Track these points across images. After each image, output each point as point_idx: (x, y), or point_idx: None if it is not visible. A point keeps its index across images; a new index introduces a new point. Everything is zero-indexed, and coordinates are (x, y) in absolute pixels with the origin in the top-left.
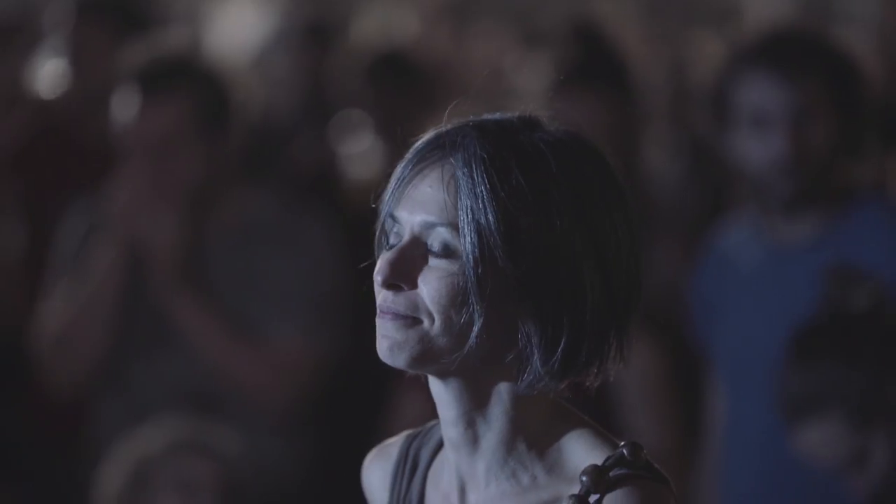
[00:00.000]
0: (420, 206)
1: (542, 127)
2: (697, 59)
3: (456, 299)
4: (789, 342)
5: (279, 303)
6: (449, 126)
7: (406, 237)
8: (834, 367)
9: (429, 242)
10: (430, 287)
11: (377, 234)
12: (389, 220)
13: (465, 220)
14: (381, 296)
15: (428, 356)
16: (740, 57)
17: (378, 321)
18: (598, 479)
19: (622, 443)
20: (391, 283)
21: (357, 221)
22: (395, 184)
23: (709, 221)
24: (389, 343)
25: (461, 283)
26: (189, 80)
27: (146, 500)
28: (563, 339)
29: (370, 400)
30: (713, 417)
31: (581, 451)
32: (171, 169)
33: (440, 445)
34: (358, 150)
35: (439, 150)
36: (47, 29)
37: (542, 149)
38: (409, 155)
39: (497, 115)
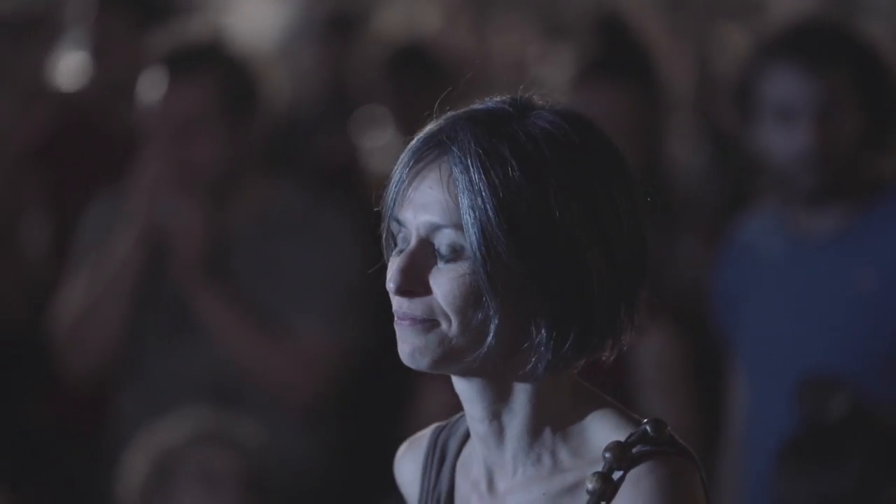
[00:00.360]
0: (423, 208)
1: (534, 110)
2: (722, 52)
3: (470, 299)
4: (775, 458)
5: (303, 294)
6: (441, 121)
7: (413, 241)
8: (821, 478)
9: (436, 244)
10: (443, 289)
11: (383, 236)
12: (395, 224)
13: (468, 220)
14: (397, 302)
15: (449, 357)
16: (765, 49)
17: (396, 327)
18: (622, 455)
19: (645, 420)
20: (404, 290)
21: (379, 214)
22: (396, 186)
23: (731, 213)
24: (410, 348)
25: (473, 283)
26: (215, 63)
27: (169, 490)
28: (574, 325)
29: (393, 391)
30: (735, 408)
31: (605, 431)
32: (194, 152)
33: (467, 436)
34: (379, 144)
35: (435, 148)
36: (69, 21)
37: (535, 135)
38: (405, 156)
39: (488, 104)
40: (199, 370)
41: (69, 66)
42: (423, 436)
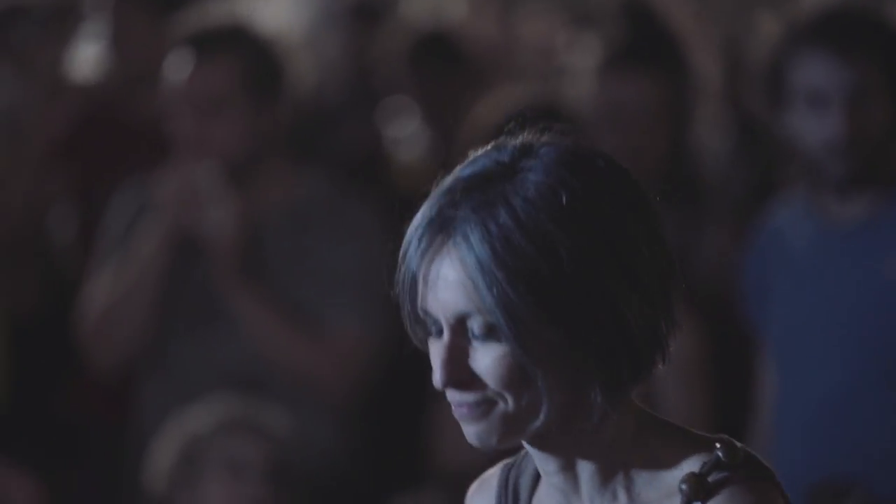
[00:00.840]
0: (445, 298)
1: (529, 157)
2: (752, 38)
3: (515, 375)
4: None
5: (334, 288)
6: (436, 198)
7: (446, 332)
8: None
9: (469, 329)
10: (489, 371)
11: (406, 322)
12: (422, 313)
13: (490, 302)
14: (448, 393)
15: (514, 431)
16: (796, 36)
17: (456, 415)
18: (698, 486)
19: (716, 443)
20: (453, 383)
21: (406, 205)
22: (410, 276)
23: (759, 201)
24: (475, 431)
25: (515, 360)
26: (239, 44)
27: (196, 478)
28: (622, 362)
29: (417, 384)
30: (764, 397)
31: (676, 457)
32: (218, 133)
33: (538, 474)
34: (404, 133)
35: (438, 233)
36: (88, 12)
37: (532, 194)
38: (411, 243)
39: (479, 162)
40: (225, 359)
41: (90, 58)
42: (493, 475)
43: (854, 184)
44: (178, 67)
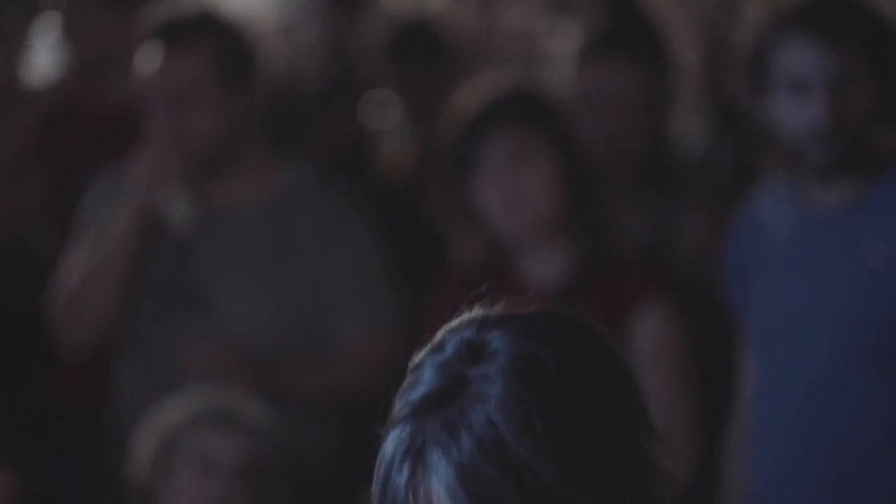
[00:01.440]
0: None
1: (481, 361)
2: (736, 23)
3: None
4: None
5: (331, 289)
6: (401, 424)
7: None
8: None
9: None
10: None
11: None
12: None
13: None
14: None
15: None
16: (780, 21)
17: None
18: None
19: None
20: None
21: (389, 197)
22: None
23: (740, 187)
24: None
25: None
26: (212, 32)
27: (171, 470)
28: None
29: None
30: (744, 384)
31: None
32: (192, 122)
33: None
34: (387, 124)
35: (409, 465)
36: (42, 8)
37: (492, 413)
38: (386, 473)
39: (429, 378)
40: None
41: (47, 53)
42: None
43: (836, 170)
44: (149, 58)
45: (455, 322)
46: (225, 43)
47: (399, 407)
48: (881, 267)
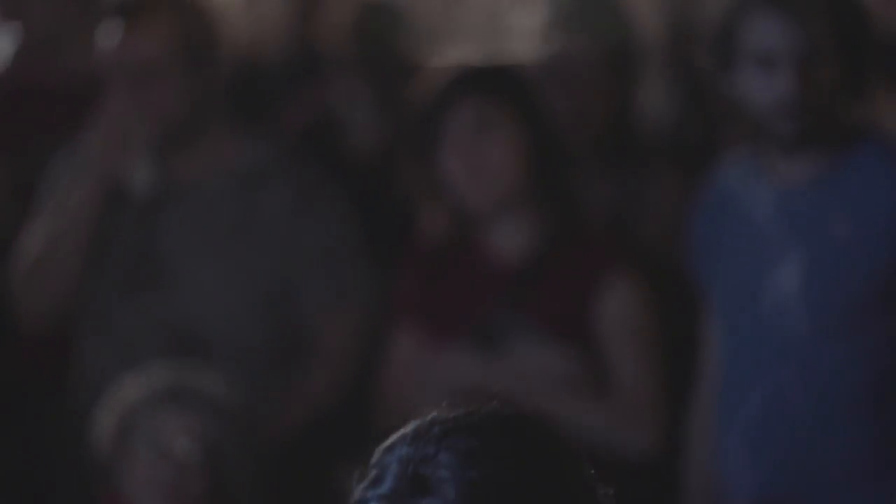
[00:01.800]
0: None
1: (427, 495)
2: None
3: None
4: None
5: (307, 266)
6: None
7: None
8: None
9: None
10: None
11: None
12: None
13: None
14: None
15: None
16: None
17: None
18: None
19: None
20: None
21: (357, 173)
22: None
23: (706, 160)
24: None
25: None
26: (171, 7)
27: (128, 449)
28: None
29: (368, 354)
30: (709, 355)
31: None
32: (154, 98)
33: None
34: (353, 101)
35: None
36: None
37: None
38: None
39: None
40: (167, 321)
41: None
42: None
43: (803, 144)
44: (108, 35)
45: (391, 440)
46: (185, 19)
47: None
48: (846, 237)
